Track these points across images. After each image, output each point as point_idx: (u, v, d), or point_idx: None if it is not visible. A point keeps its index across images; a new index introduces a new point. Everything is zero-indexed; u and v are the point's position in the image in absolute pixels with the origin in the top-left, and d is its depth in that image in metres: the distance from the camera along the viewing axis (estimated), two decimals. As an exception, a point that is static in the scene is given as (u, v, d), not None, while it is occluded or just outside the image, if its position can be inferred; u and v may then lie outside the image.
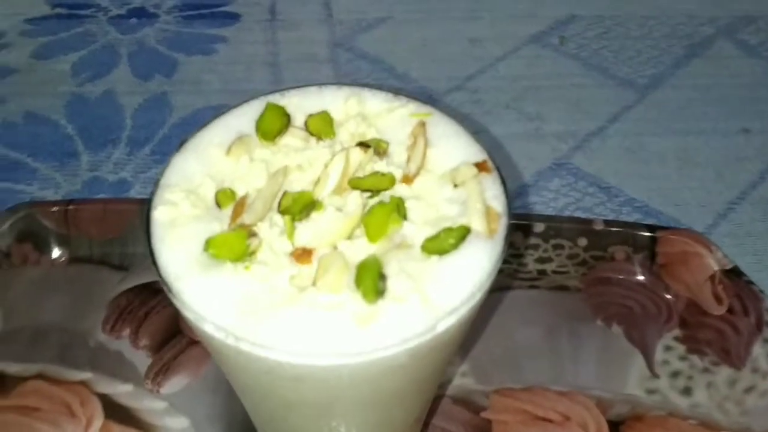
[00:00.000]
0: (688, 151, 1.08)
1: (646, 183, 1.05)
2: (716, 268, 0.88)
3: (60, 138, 1.11)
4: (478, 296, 0.44)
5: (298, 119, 0.55)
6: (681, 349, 0.87)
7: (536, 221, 0.93)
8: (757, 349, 0.83)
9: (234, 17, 1.31)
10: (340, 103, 0.56)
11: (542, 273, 0.93)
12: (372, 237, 0.46)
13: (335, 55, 1.24)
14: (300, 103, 0.56)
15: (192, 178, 0.51)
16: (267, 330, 0.43)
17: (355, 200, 0.48)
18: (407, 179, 0.50)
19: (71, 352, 0.87)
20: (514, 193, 1.04)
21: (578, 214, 1.01)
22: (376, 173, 0.50)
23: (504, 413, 0.82)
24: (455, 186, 0.49)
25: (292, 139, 0.53)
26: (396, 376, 0.45)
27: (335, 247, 0.46)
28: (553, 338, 0.88)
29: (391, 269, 0.45)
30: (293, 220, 0.47)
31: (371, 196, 0.49)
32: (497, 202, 0.49)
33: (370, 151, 0.50)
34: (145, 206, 0.51)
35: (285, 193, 0.49)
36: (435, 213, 0.48)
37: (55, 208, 0.94)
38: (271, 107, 0.54)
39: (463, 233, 0.46)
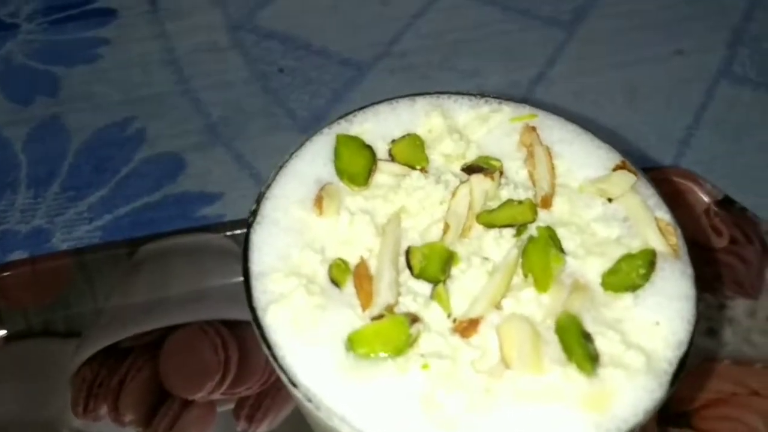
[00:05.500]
0: (632, 83, 1.06)
1: (601, 122, 1.01)
2: (708, 200, 0.86)
3: (-58, 192, 0.92)
4: (692, 336, 0.37)
5: (380, 148, 0.45)
6: (692, 289, 0.85)
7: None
8: (770, 274, 0.82)
9: (109, 14, 1.13)
10: (420, 119, 0.46)
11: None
12: (541, 285, 0.38)
13: (238, 39, 1.11)
14: (375, 128, 0.45)
15: (289, 256, 0.40)
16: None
17: (499, 242, 0.39)
18: (546, 202, 0.41)
19: (41, 447, 0.73)
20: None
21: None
22: (509, 202, 0.41)
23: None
24: (609, 200, 0.42)
25: (384, 176, 0.43)
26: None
27: (497, 307, 0.37)
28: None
29: (586, 324, 0.37)
30: (443, 283, 0.37)
31: (517, 234, 0.40)
32: (662, 211, 0.42)
33: (497, 176, 0.41)
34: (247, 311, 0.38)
35: (409, 250, 0.39)
36: (592, 238, 0.40)
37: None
38: (343, 141, 0.44)
39: (649, 257, 0.38)
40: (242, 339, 0.78)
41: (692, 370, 0.78)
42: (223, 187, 0.93)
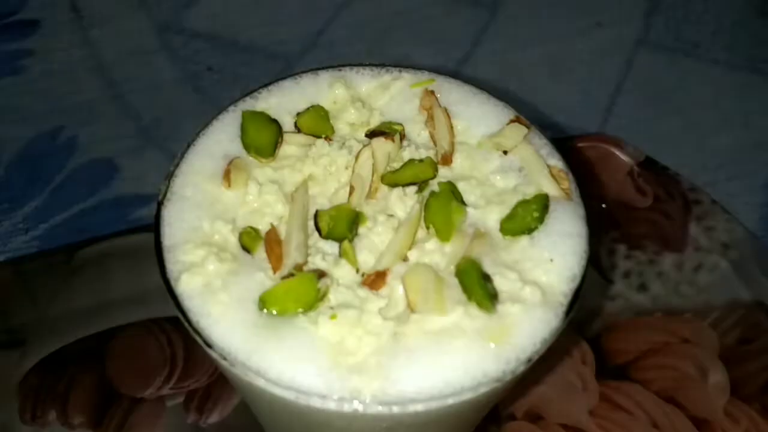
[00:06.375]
0: (554, 56, 1.09)
1: (527, 97, 1.04)
2: (631, 162, 0.90)
3: None
4: (585, 269, 0.39)
5: (286, 122, 0.46)
6: (623, 248, 0.88)
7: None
8: (693, 228, 0.86)
9: (32, 25, 1.12)
10: (324, 91, 0.48)
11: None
12: (443, 236, 0.40)
13: (166, 41, 1.11)
14: (280, 103, 0.47)
15: (200, 228, 0.41)
16: (388, 383, 0.36)
17: (403, 199, 0.41)
18: (446, 159, 0.43)
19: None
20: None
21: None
22: (411, 162, 0.43)
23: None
24: (505, 153, 0.44)
25: (291, 147, 0.44)
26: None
27: (404, 260, 0.39)
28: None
29: (486, 266, 0.39)
30: (350, 242, 0.39)
31: (419, 190, 0.42)
32: (555, 159, 0.44)
33: (398, 138, 0.43)
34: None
35: (317, 213, 0.41)
36: (491, 189, 0.43)
37: None
38: (248, 116, 0.45)
39: (543, 201, 0.41)
40: (187, 334, 0.79)
41: (626, 324, 0.81)
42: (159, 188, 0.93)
